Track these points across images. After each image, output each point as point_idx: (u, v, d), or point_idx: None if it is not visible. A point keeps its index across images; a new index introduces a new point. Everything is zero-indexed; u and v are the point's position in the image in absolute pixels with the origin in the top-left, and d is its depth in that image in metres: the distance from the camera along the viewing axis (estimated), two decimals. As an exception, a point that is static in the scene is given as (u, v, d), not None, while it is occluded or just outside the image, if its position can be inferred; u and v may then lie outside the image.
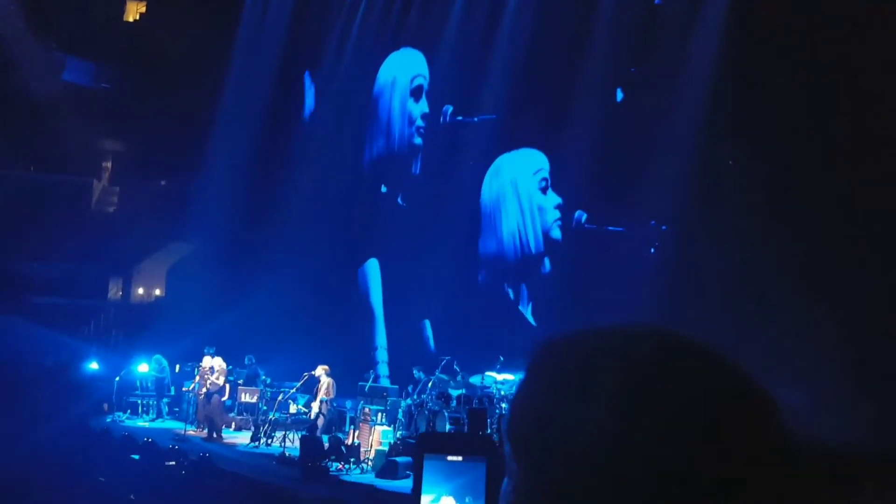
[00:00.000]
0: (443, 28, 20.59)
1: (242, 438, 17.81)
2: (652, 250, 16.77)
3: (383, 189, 21.42)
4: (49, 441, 12.01)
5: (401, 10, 21.69)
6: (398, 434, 15.40)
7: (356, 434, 16.21)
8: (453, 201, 19.50)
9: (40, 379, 15.73)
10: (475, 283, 19.38)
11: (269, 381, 18.90)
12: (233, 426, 19.13)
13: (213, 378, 18.17)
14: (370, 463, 14.98)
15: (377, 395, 16.76)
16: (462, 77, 19.89)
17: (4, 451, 10.75)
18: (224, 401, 18.69)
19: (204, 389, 18.26)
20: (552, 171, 18.31)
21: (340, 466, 14.83)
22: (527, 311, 18.46)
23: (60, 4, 25.13)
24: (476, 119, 19.41)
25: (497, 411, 14.23)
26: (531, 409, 0.97)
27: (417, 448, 1.83)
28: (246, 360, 19.92)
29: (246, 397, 19.24)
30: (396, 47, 21.73)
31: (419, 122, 21.01)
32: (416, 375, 16.71)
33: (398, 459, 14.00)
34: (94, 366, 20.53)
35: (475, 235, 19.47)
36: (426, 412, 15.22)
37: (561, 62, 17.83)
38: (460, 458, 1.79)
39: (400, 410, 15.95)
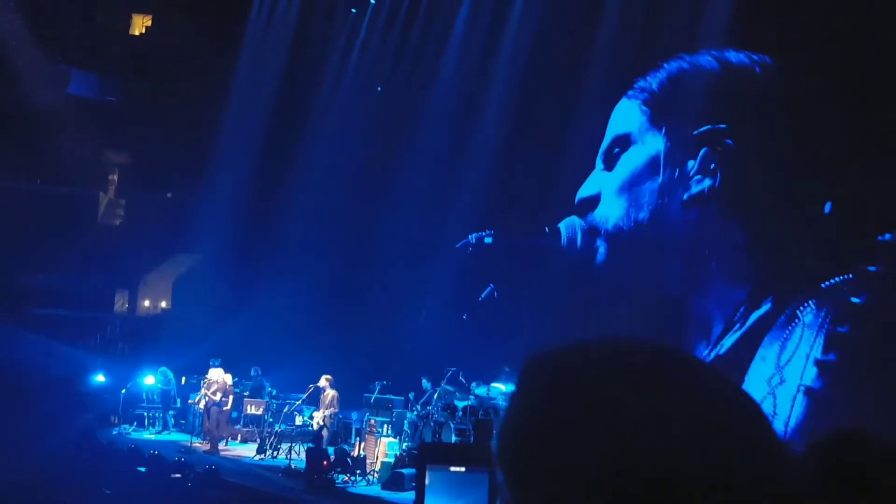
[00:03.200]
0: (448, 34, 20.73)
1: (248, 451, 17.78)
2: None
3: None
4: (55, 452, 12.01)
5: (405, 20, 21.78)
6: (404, 446, 15.37)
7: (362, 446, 16.19)
8: (459, 204, 19.38)
9: (46, 391, 15.73)
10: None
11: (274, 392, 18.88)
12: (238, 438, 19.11)
13: (209, 393, 18.16)
14: (376, 475, 14.94)
15: (383, 406, 16.73)
16: (464, 90, 19.97)
17: (11, 462, 10.76)
18: (229, 412, 18.68)
19: (203, 403, 18.27)
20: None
21: (346, 478, 14.80)
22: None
23: (66, 18, 25.24)
24: None
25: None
26: (519, 432, 0.92)
27: (419, 459, 1.81)
28: (252, 371, 19.92)
29: (252, 409, 19.22)
30: (400, 57, 21.81)
31: None
32: (423, 385, 16.70)
33: (404, 471, 13.95)
34: (100, 378, 20.53)
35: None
36: (432, 424, 15.20)
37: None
38: (463, 469, 1.77)
39: (406, 422, 15.92)
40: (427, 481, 1.76)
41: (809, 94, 13.55)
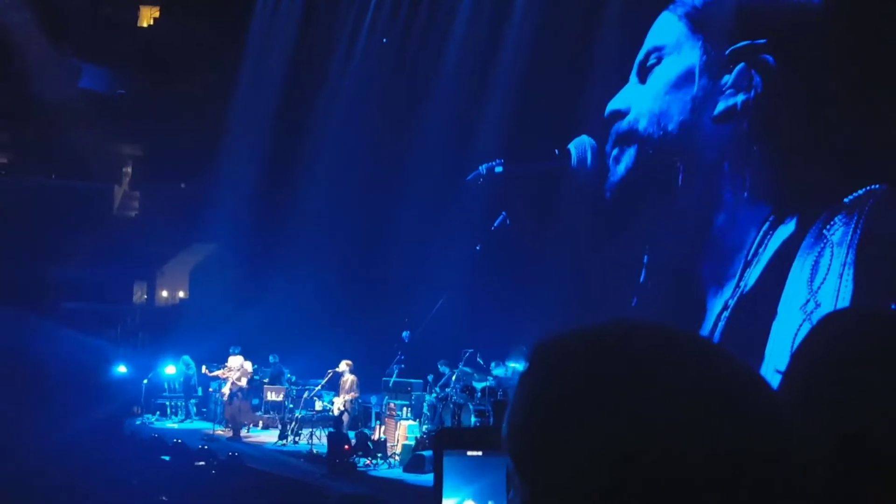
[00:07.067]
0: (451, 27, 20.69)
1: (270, 437, 17.92)
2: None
3: None
4: (79, 443, 12.15)
5: (408, 11, 21.76)
6: (424, 428, 15.44)
7: (382, 429, 16.28)
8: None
9: (69, 382, 15.88)
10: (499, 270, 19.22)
11: (294, 378, 18.98)
12: (260, 425, 19.25)
13: (233, 378, 18.34)
14: (397, 458, 15.04)
15: (401, 389, 16.81)
16: (469, 92, 19.96)
17: (35, 453, 10.89)
18: (250, 400, 18.84)
19: (227, 389, 18.42)
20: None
21: (368, 462, 14.91)
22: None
23: (74, 12, 25.28)
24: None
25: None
26: (528, 420, 0.92)
27: (436, 445, 1.82)
28: (270, 358, 20.02)
29: (272, 396, 19.34)
30: (404, 50, 21.80)
31: None
32: (440, 369, 16.73)
33: (424, 454, 14.03)
34: (121, 369, 20.70)
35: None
36: (451, 406, 15.24)
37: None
38: (480, 453, 1.77)
39: (425, 404, 15.98)
40: (444, 467, 1.79)
41: (849, 24, 13.29)
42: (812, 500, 0.87)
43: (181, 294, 28.54)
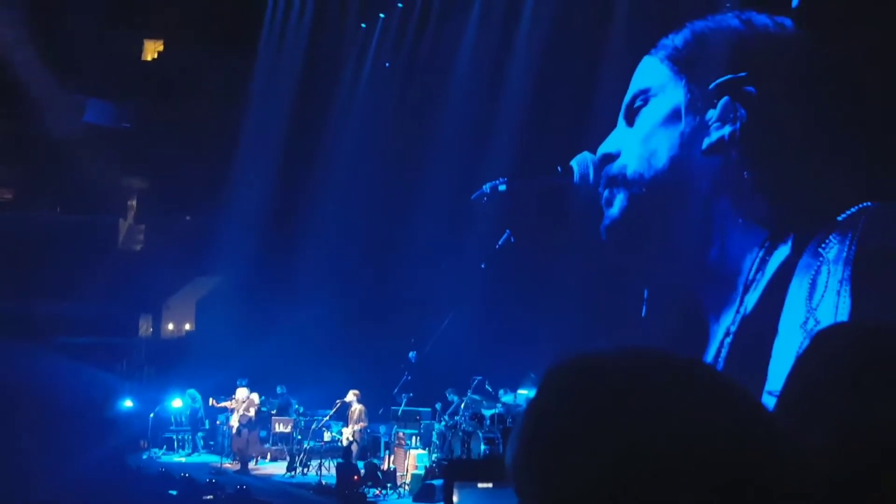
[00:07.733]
0: (456, 51, 20.77)
1: (278, 469, 17.79)
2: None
3: None
4: (86, 477, 12.06)
5: (414, 34, 21.86)
6: (433, 457, 15.33)
7: (391, 459, 16.16)
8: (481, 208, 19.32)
9: (75, 418, 15.81)
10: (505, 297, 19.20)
11: (301, 410, 18.89)
12: (268, 457, 19.12)
13: (241, 410, 18.26)
14: (407, 487, 14.92)
15: (410, 418, 16.71)
16: (473, 111, 19.99)
17: (42, 488, 10.81)
18: (258, 432, 18.72)
19: (234, 421, 18.32)
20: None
21: (377, 492, 14.78)
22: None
23: (79, 47, 25.44)
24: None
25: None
26: (532, 445, 0.95)
27: (446, 477, 1.77)
28: (278, 389, 19.95)
29: (280, 427, 19.24)
30: (410, 72, 21.89)
31: None
32: (448, 398, 16.64)
33: (434, 483, 13.92)
34: (128, 403, 20.60)
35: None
36: (460, 434, 15.15)
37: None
38: (490, 486, 1.74)
39: (434, 433, 15.88)
40: (455, 499, 1.72)
41: (829, 54, 13.55)
42: None
43: (187, 327, 28.51)
